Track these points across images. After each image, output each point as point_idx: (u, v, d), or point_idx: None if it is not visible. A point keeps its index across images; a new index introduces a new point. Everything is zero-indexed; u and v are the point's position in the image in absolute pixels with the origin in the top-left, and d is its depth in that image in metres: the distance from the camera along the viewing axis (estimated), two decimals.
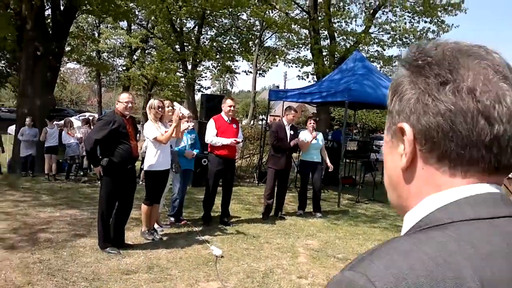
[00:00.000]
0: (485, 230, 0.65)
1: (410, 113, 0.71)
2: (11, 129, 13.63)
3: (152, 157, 5.98)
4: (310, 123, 8.67)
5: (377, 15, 20.25)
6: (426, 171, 0.71)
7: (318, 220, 8.25)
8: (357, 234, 7.50)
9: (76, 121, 13.24)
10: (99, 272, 4.82)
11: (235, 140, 7.10)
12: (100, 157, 5.50)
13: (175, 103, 6.82)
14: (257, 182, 12.28)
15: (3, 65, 33.68)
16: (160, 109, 6.03)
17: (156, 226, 6.50)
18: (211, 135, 7.14)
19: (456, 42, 0.72)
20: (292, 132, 8.18)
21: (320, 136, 8.74)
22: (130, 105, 5.70)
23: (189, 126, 6.76)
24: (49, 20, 13.46)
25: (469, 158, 0.67)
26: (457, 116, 0.66)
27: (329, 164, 8.76)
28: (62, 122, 13.28)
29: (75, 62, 25.90)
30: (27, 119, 11.37)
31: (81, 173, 11.35)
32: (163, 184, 6.28)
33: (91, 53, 30.95)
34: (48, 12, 13.53)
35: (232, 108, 7.25)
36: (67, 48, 20.22)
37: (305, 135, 8.50)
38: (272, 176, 8.07)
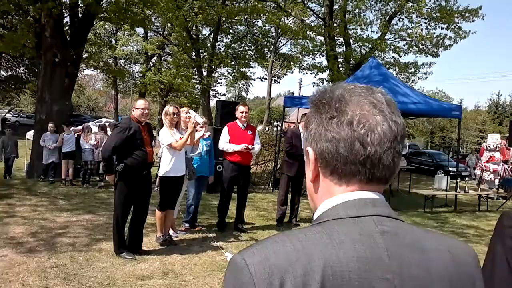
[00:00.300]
0: (348, 225, 0.87)
1: (312, 140, 0.94)
2: (30, 134, 13.83)
3: (167, 163, 6.00)
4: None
5: (393, 21, 20.15)
6: (325, 183, 0.95)
7: None
8: None
9: (94, 127, 13.39)
10: (114, 277, 4.85)
11: (245, 146, 7.08)
12: (116, 162, 5.54)
13: (190, 111, 6.84)
14: (271, 188, 12.27)
15: (22, 72, 34.28)
16: (175, 116, 6.05)
17: (171, 232, 6.52)
18: (224, 142, 7.17)
19: (348, 85, 0.95)
20: None
21: None
22: (146, 111, 5.74)
23: (204, 134, 6.77)
24: (67, 28, 13.69)
25: (350, 172, 0.90)
26: (340, 142, 0.89)
27: None
28: (80, 127, 13.48)
29: (92, 69, 26.21)
30: (50, 125, 11.46)
31: (97, 178, 11.46)
32: (178, 190, 6.30)
33: (108, 59, 31.35)
34: (66, 19, 13.76)
35: (244, 114, 7.24)
36: (85, 55, 20.50)
37: None
38: (286, 183, 8.05)
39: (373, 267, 0.84)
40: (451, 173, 17.09)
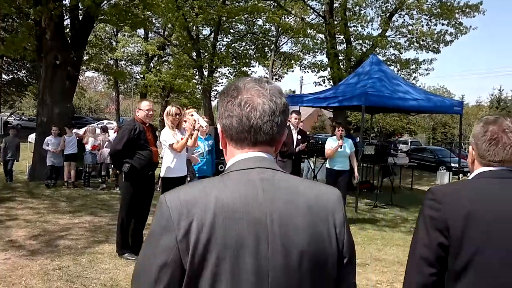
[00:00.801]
0: (239, 174, 1.25)
1: (219, 118, 1.32)
2: (31, 137, 13.85)
3: (169, 164, 5.99)
4: (339, 130, 8.46)
5: (394, 18, 20.13)
6: (229, 148, 1.33)
7: None
8: (375, 239, 7.43)
9: (98, 129, 13.42)
10: (117, 279, 4.85)
11: None
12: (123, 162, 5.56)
13: (194, 112, 6.79)
14: None
15: (24, 75, 34.35)
16: (177, 116, 6.04)
17: None
18: None
19: (245, 79, 1.34)
20: (299, 137, 8.06)
21: (348, 143, 8.44)
22: (151, 112, 5.76)
23: (201, 126, 6.57)
24: (68, 30, 13.69)
25: (241, 138, 1.28)
26: (233, 118, 1.26)
27: (356, 174, 8.61)
28: (82, 130, 13.50)
29: (93, 71, 26.27)
30: (54, 128, 11.36)
31: (99, 180, 11.47)
32: None
33: (109, 61, 31.37)
34: (67, 22, 13.77)
35: None
36: (86, 57, 20.53)
37: (331, 143, 8.34)
38: None
39: (251, 202, 1.21)
40: (453, 169, 17.08)
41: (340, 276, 1.32)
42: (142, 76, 31.37)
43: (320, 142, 12.85)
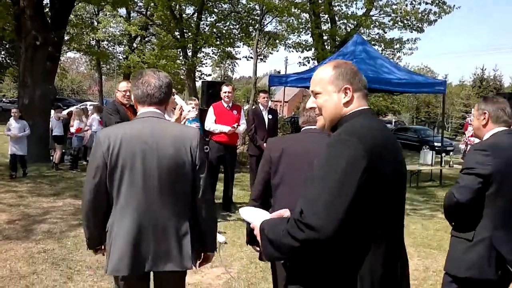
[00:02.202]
0: (139, 120, 2.49)
1: (133, 91, 2.57)
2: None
3: None
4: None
5: None
6: (138, 106, 2.53)
7: None
8: None
9: (90, 110, 13.26)
10: (103, 261, 4.83)
11: (232, 127, 7.08)
12: None
13: (176, 96, 6.72)
14: None
15: (3, 56, 33.61)
16: (126, 93, 5.90)
17: None
18: (210, 122, 7.15)
19: (148, 69, 2.61)
20: (270, 116, 8.11)
21: None
22: (128, 93, 5.65)
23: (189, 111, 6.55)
24: (47, 9, 13.39)
25: (144, 101, 2.49)
26: (138, 90, 2.50)
27: None
28: (65, 112, 13.33)
29: (75, 51, 25.80)
30: (13, 110, 10.27)
31: (84, 163, 11.38)
32: None
33: (91, 41, 30.83)
34: (46, 1, 13.45)
35: (227, 94, 7.17)
36: (66, 37, 20.15)
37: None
38: (254, 164, 8.05)
39: (143, 132, 2.40)
40: (436, 148, 17.28)
41: (195, 175, 2.46)
42: (125, 57, 30.92)
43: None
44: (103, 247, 2.58)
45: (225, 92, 7.15)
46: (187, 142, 2.42)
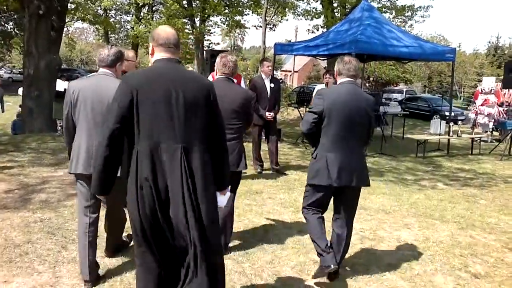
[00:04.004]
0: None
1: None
2: (21, 90, 13.71)
3: None
4: (326, 78, 8.37)
5: None
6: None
7: None
8: (362, 187, 7.40)
9: None
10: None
11: None
12: None
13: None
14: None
15: (12, 27, 33.43)
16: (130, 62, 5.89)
17: None
18: None
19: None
20: (272, 85, 8.01)
21: None
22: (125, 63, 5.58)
23: None
24: None
25: (99, 64, 3.77)
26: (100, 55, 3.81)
27: None
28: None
29: (80, 21, 25.53)
30: None
31: None
32: None
33: (98, 11, 30.49)
34: None
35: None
36: (72, 6, 19.92)
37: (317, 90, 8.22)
38: (257, 133, 8.07)
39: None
40: (447, 117, 16.99)
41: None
42: (132, 26, 30.59)
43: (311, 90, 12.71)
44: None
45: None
46: (111, 93, 2.85)
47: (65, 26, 18.68)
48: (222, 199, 3.01)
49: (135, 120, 2.56)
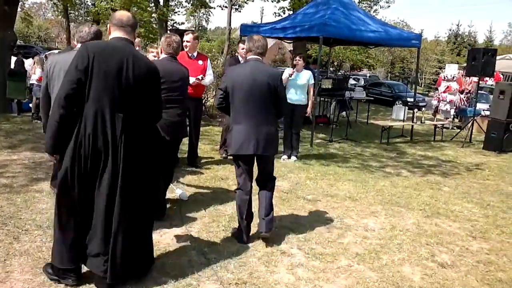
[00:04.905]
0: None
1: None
2: None
3: None
4: (296, 60, 8.19)
5: None
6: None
7: (289, 161, 8.07)
8: (328, 174, 7.36)
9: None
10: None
11: (197, 79, 6.73)
12: None
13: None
14: None
15: None
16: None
17: None
18: None
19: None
20: None
21: (305, 74, 8.07)
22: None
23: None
24: None
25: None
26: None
27: (308, 109, 8.25)
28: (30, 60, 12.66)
29: None
30: None
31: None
32: None
33: None
34: None
35: (185, 44, 6.75)
36: None
37: (287, 74, 8.01)
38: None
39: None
40: (409, 103, 17.21)
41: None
42: (92, 3, 29.47)
43: None
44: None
45: (184, 41, 6.72)
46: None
47: (21, 0, 17.77)
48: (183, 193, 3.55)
49: (87, 85, 2.93)
